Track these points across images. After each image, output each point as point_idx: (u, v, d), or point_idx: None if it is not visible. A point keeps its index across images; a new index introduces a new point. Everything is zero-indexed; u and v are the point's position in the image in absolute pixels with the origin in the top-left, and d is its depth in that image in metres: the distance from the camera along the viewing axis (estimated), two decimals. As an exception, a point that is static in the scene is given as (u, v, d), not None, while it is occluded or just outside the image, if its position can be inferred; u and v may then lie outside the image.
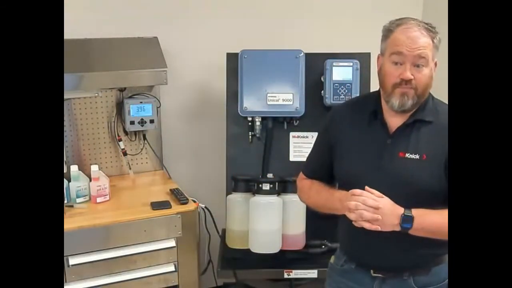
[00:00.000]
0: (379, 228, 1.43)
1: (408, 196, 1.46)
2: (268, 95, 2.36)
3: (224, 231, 2.49)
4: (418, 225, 1.44)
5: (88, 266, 2.06)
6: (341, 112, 1.68)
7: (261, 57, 2.37)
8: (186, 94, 2.76)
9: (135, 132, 2.61)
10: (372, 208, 1.42)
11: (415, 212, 1.44)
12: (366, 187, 1.46)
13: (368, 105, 1.59)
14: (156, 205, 2.21)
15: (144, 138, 2.64)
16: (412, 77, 1.45)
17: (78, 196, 2.25)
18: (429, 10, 3.09)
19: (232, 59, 2.41)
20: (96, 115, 2.53)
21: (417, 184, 1.49)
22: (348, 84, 2.36)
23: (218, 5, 2.70)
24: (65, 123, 2.46)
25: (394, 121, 1.55)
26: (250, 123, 2.42)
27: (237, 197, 2.33)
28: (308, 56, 2.38)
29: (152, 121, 2.54)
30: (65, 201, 2.23)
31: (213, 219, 2.56)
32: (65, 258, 2.01)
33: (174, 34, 2.62)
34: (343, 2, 2.91)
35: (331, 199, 1.58)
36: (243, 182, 2.33)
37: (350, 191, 1.47)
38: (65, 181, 2.22)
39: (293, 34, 2.79)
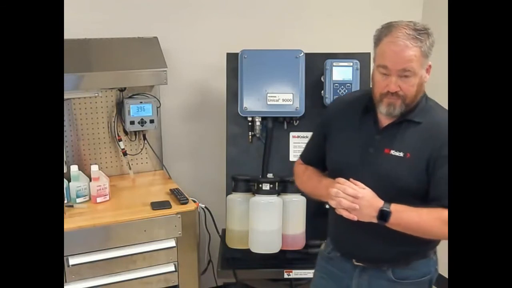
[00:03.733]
0: (355, 218, 1.49)
1: (389, 191, 1.52)
2: (268, 95, 2.36)
3: (224, 231, 2.49)
4: (394, 221, 1.49)
5: (88, 266, 2.06)
6: (338, 105, 1.75)
7: (261, 57, 2.37)
8: (186, 94, 2.76)
9: (135, 132, 2.61)
10: (351, 197, 1.48)
11: (394, 207, 1.49)
12: (351, 179, 1.52)
13: (363, 101, 1.64)
14: (156, 205, 2.21)
15: (144, 138, 2.64)
16: (397, 89, 1.49)
17: (78, 196, 2.25)
18: (429, 10, 3.08)
19: (232, 59, 2.41)
20: (96, 115, 2.53)
21: (398, 181, 1.54)
22: (348, 84, 2.37)
23: (218, 5, 2.70)
24: (65, 123, 2.46)
25: (385, 119, 1.59)
26: (250, 123, 2.42)
27: (237, 197, 2.33)
28: (308, 56, 2.38)
29: (152, 121, 2.54)
30: (65, 201, 2.23)
31: (213, 219, 2.56)
32: (65, 258, 2.01)
33: (174, 34, 2.62)
34: (343, 2, 2.91)
35: (319, 185, 1.66)
36: (243, 182, 2.33)
37: (336, 179, 1.54)
38: (65, 181, 2.22)
39: (293, 34, 2.79)
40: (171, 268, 2.21)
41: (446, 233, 1.44)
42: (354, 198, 1.48)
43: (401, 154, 1.53)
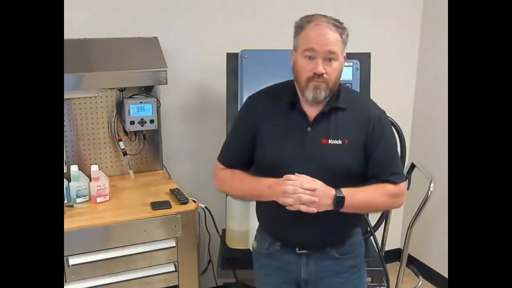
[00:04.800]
0: (315, 210, 1.52)
1: (332, 178, 1.56)
2: (268, 95, 2.35)
3: (224, 231, 2.49)
4: (348, 204, 1.56)
5: (88, 266, 2.06)
6: (260, 101, 1.74)
7: (261, 57, 2.37)
8: (186, 94, 2.76)
9: (135, 132, 2.61)
10: (308, 190, 1.51)
11: (345, 191, 1.56)
12: (296, 174, 1.54)
13: (286, 95, 1.67)
14: (156, 205, 2.21)
15: (144, 138, 2.64)
16: (324, 71, 1.56)
17: (78, 196, 2.25)
18: (429, 10, 3.09)
19: (232, 59, 2.41)
20: (96, 115, 2.53)
21: (341, 167, 1.61)
22: (348, 84, 2.36)
23: (218, 5, 2.70)
24: (65, 123, 2.46)
25: (312, 110, 1.64)
26: (250, 123, 2.42)
27: (237, 197, 2.33)
28: (308, 56, 2.38)
29: (152, 121, 2.54)
30: (65, 201, 2.23)
31: (213, 219, 2.56)
32: (65, 258, 2.01)
33: (174, 34, 2.62)
34: (343, 2, 2.91)
35: (259, 186, 1.64)
36: (243, 182, 2.32)
37: (285, 176, 1.55)
38: (65, 181, 2.22)
39: (293, 34, 2.78)
40: (171, 268, 2.21)
41: (391, 204, 1.71)
42: (312, 191, 1.51)
43: (339, 142, 1.60)
